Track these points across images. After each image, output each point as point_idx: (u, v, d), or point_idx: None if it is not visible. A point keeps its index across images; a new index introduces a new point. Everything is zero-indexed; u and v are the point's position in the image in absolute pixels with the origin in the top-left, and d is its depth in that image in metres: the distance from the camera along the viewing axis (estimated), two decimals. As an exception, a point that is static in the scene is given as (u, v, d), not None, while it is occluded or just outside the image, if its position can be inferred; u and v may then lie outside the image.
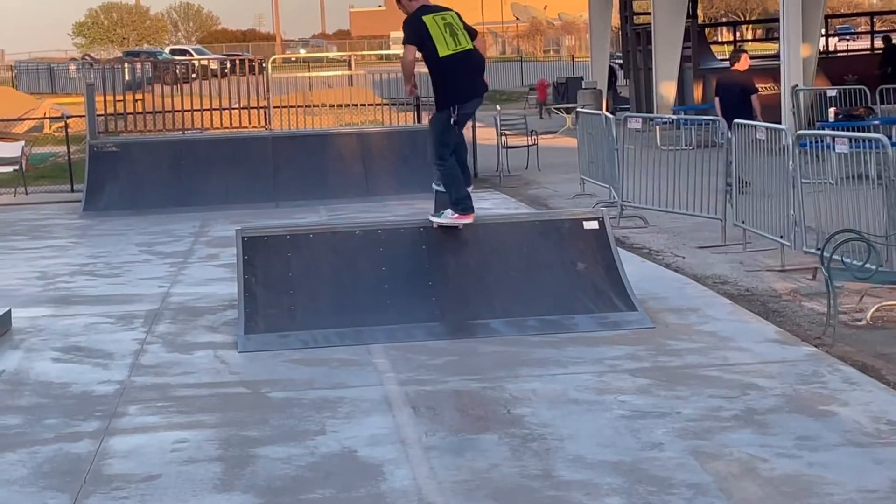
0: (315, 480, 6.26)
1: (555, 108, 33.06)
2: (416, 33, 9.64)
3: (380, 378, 8.14)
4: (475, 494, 6.00)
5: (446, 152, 9.87)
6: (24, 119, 33.19)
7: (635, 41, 30.02)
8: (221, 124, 22.00)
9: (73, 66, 59.48)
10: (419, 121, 21.06)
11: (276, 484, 6.22)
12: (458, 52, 9.64)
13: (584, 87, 30.16)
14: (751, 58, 30.21)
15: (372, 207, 17.08)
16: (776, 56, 24.57)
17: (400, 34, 9.97)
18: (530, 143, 21.67)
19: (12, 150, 21.74)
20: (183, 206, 17.55)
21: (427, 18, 9.66)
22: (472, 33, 9.88)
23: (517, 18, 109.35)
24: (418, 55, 9.73)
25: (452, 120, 9.75)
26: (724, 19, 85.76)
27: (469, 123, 20.99)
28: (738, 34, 42.60)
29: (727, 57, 31.37)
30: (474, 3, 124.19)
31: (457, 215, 9.86)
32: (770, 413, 7.08)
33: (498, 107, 25.55)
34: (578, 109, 20.97)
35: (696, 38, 28.06)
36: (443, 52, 9.61)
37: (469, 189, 9.96)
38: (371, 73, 24.84)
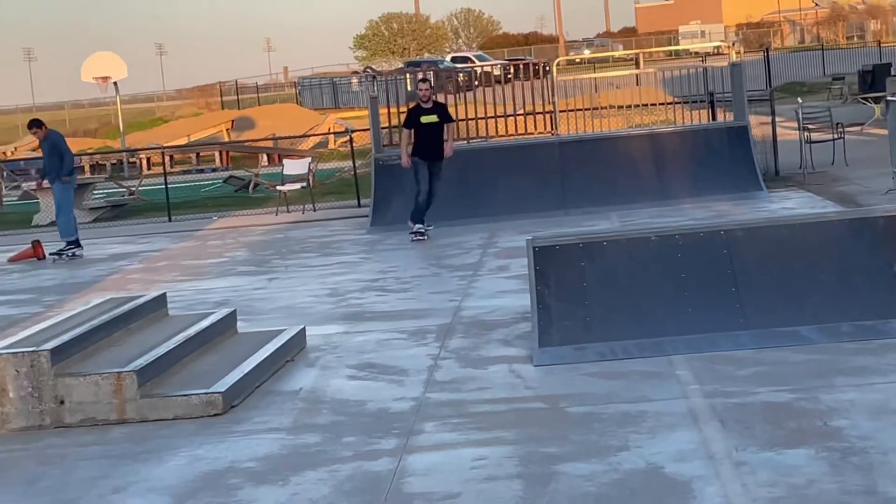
0: (620, 498, 6.03)
1: (861, 98, 31.51)
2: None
3: (683, 390, 7.81)
4: (793, 514, 5.63)
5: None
6: (310, 135, 34.20)
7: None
8: (507, 132, 21.90)
9: (355, 80, 60.76)
10: (714, 118, 20.41)
11: (579, 502, 6.01)
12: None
13: (893, 73, 28.66)
14: None
15: (666, 212, 16.70)
16: None
17: (689, 28, 9.91)
18: (836, 136, 20.66)
19: (300, 167, 22.34)
20: (470, 217, 17.51)
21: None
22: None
23: (816, 4, 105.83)
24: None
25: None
26: None
27: (768, 118, 20.34)
28: None
29: None
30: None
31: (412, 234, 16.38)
32: None
33: (799, 99, 24.53)
34: (889, 98, 19.83)
35: None
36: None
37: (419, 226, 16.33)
38: (661, 70, 24.26)
